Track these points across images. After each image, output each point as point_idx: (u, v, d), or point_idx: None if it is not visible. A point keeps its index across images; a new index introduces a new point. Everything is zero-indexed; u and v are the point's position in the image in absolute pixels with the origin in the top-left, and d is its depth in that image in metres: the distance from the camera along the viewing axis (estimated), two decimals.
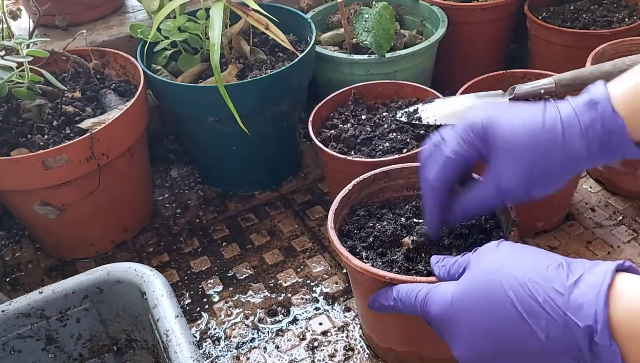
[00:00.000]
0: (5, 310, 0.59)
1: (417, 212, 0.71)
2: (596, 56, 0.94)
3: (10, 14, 0.95)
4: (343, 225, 0.70)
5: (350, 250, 0.64)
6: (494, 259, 0.49)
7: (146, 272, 0.61)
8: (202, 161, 1.09)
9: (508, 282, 0.46)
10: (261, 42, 1.06)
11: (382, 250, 0.66)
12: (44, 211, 0.86)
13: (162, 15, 0.89)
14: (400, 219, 0.70)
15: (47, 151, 0.79)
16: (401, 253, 0.64)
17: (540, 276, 0.45)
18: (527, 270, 0.46)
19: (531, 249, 0.49)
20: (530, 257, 0.48)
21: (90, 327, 0.64)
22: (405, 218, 0.70)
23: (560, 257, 0.47)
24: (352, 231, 0.69)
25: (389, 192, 0.75)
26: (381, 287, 0.60)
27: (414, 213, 0.71)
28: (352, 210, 0.72)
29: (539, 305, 0.43)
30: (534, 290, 0.44)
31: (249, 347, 0.79)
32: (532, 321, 0.44)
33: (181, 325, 0.56)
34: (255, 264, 0.92)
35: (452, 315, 0.50)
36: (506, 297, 0.45)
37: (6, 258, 0.98)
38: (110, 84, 0.97)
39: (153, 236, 0.99)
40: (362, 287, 0.66)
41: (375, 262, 0.64)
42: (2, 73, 0.80)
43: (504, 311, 0.45)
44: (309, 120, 0.87)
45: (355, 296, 0.76)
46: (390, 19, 1.03)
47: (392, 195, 0.75)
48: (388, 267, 0.63)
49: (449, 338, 0.51)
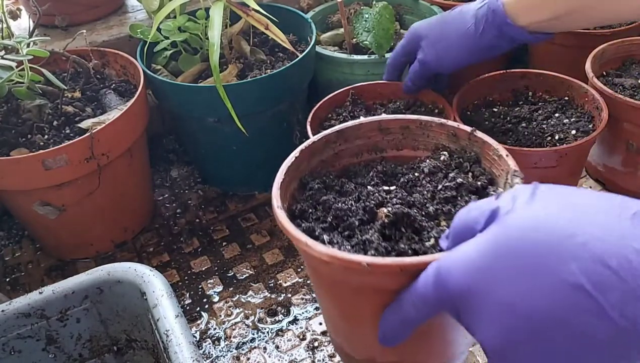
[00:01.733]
0: (5, 310, 0.59)
1: (386, 179, 0.58)
2: (596, 56, 0.94)
3: (10, 14, 0.95)
4: (293, 204, 0.55)
5: (306, 234, 0.48)
6: (535, 209, 0.35)
7: (146, 272, 0.61)
8: (202, 161, 1.09)
9: (560, 241, 0.33)
10: (261, 42, 1.06)
11: (349, 233, 0.50)
12: (44, 211, 0.86)
13: (162, 15, 0.89)
14: (364, 189, 0.55)
15: (47, 151, 0.79)
16: (375, 231, 0.49)
17: (610, 230, 0.32)
18: (588, 223, 0.33)
19: (584, 192, 0.36)
20: (588, 202, 0.34)
21: (90, 327, 0.64)
22: (372, 186, 0.56)
23: (630, 200, 0.34)
24: (306, 210, 0.54)
25: (346, 157, 0.61)
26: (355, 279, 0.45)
27: (381, 180, 0.57)
28: (302, 184, 0.57)
29: (610, 271, 0.31)
30: (602, 251, 0.31)
31: (249, 347, 0.79)
32: (599, 293, 0.31)
33: (181, 325, 0.56)
34: (255, 264, 0.92)
35: (478, 286, 0.36)
36: (559, 262, 0.32)
37: (6, 259, 0.98)
38: (110, 84, 0.96)
39: (153, 236, 0.99)
40: (329, 283, 0.51)
41: (342, 246, 0.48)
42: (2, 72, 0.80)
43: (554, 281, 0.32)
44: (307, 122, 0.85)
45: (318, 296, 0.59)
46: (390, 19, 1.03)
47: (350, 161, 0.61)
48: (361, 250, 0.48)
49: (471, 320, 0.37)
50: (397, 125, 0.62)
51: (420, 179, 0.57)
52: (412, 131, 0.62)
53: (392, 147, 0.63)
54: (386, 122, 0.62)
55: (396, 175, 0.59)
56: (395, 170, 0.60)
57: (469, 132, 0.58)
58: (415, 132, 0.62)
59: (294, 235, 0.47)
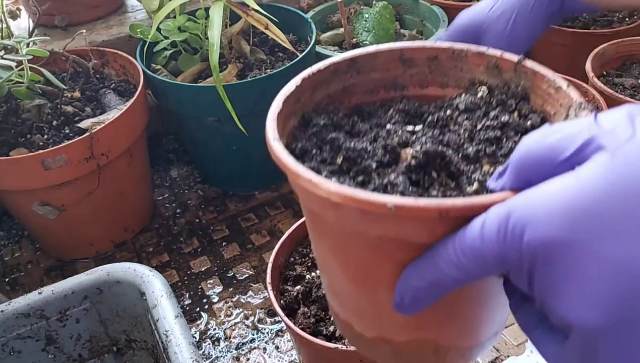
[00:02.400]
0: (5, 310, 0.59)
1: (409, 119, 0.46)
2: (596, 56, 0.94)
3: (10, 14, 0.95)
4: (292, 142, 0.43)
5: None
6: None
7: (146, 272, 0.61)
8: (202, 161, 1.09)
9: None
10: (261, 42, 1.06)
11: (364, 178, 0.38)
12: (44, 211, 0.85)
13: (162, 15, 0.89)
14: (382, 129, 0.44)
15: (46, 151, 0.79)
16: (400, 174, 0.37)
17: None
18: None
19: None
20: None
21: (89, 327, 0.64)
22: (392, 124, 0.45)
23: None
24: (309, 150, 0.43)
25: (359, 94, 0.49)
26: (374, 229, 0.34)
27: (403, 120, 0.46)
28: (304, 120, 0.47)
29: None
30: None
31: (249, 347, 0.79)
32: None
33: (181, 325, 0.55)
34: (255, 264, 0.92)
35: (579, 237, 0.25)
36: None
37: (6, 259, 0.98)
38: (110, 83, 0.96)
39: (153, 236, 0.99)
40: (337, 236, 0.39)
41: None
42: (2, 72, 0.79)
43: None
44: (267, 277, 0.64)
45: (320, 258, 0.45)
46: (390, 18, 1.03)
47: (363, 99, 0.49)
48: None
49: (556, 286, 0.26)
50: (424, 56, 0.50)
51: (454, 118, 0.46)
52: (441, 63, 0.50)
53: (415, 84, 0.51)
54: (410, 51, 0.49)
55: (422, 115, 0.48)
56: (420, 109, 0.48)
57: (516, 62, 0.46)
58: (446, 65, 0.50)
59: (293, 170, 0.35)
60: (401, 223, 0.33)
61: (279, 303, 0.64)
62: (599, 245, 0.24)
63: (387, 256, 0.37)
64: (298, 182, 0.35)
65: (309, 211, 0.42)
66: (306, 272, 0.68)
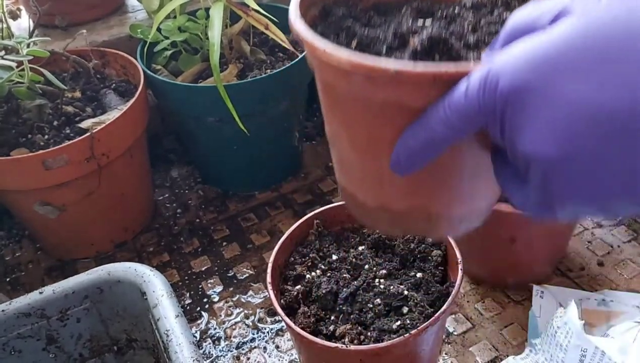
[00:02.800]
0: (6, 310, 0.59)
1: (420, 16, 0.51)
2: None
3: (10, 14, 0.95)
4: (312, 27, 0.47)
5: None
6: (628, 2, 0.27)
7: (146, 272, 0.61)
8: (202, 161, 1.09)
9: None
10: (261, 42, 1.06)
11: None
12: (44, 211, 0.86)
13: (162, 15, 0.89)
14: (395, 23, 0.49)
15: (47, 151, 0.79)
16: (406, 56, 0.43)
17: None
18: None
19: None
20: None
21: (90, 326, 0.64)
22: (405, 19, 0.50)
23: None
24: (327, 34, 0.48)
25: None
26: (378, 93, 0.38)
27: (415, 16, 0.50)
28: (324, 11, 0.52)
29: None
30: None
31: (249, 346, 0.79)
32: None
33: (181, 325, 0.56)
34: (255, 264, 0.92)
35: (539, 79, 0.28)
36: None
37: (6, 258, 0.98)
38: (110, 84, 0.97)
39: (153, 236, 0.99)
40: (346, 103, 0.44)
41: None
42: (2, 72, 0.80)
43: None
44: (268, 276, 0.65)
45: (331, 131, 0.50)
46: None
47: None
48: None
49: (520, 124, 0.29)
50: None
51: (461, 14, 0.49)
52: None
53: None
54: None
55: (433, 13, 0.51)
56: (432, 8, 0.52)
57: None
58: None
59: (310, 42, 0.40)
60: (401, 88, 0.37)
61: (279, 303, 0.64)
62: (560, 89, 0.27)
63: (389, 122, 0.41)
64: (315, 54, 0.39)
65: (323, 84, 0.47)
66: (306, 272, 0.69)
